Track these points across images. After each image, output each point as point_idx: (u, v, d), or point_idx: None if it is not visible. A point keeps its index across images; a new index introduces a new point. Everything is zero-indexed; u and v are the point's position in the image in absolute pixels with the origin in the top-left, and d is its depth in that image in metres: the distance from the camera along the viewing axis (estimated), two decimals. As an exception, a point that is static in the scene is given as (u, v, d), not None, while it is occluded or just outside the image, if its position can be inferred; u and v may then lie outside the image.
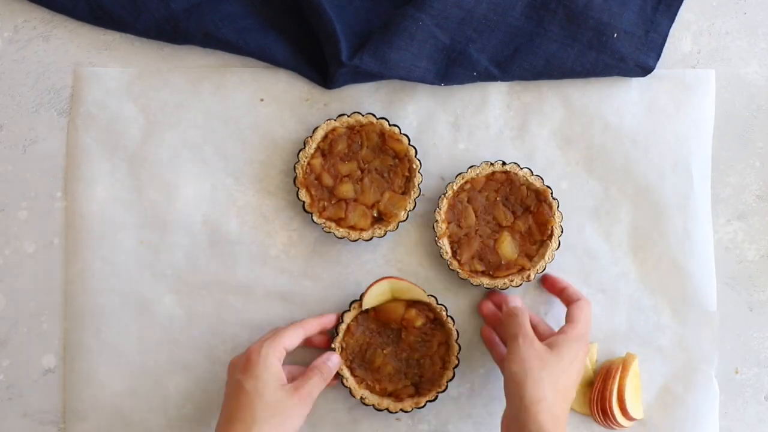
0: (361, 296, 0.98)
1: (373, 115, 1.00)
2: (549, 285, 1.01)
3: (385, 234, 1.00)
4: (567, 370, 0.91)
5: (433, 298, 0.99)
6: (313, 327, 0.97)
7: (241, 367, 0.92)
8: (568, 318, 0.95)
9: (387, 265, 1.01)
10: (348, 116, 1.00)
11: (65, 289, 1.02)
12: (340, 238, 1.00)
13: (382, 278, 0.99)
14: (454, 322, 0.99)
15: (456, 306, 1.01)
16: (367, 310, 0.99)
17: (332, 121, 1.00)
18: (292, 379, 0.94)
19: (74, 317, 1.01)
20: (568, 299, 0.97)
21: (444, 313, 0.99)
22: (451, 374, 0.98)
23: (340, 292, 1.01)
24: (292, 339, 0.94)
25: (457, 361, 0.98)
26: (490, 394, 1.01)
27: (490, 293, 1.01)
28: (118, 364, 1.01)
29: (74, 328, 1.01)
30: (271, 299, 1.02)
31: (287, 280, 1.02)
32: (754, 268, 1.03)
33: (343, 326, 0.99)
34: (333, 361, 0.97)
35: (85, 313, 1.01)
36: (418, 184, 1.00)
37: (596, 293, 1.02)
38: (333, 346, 0.98)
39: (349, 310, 0.99)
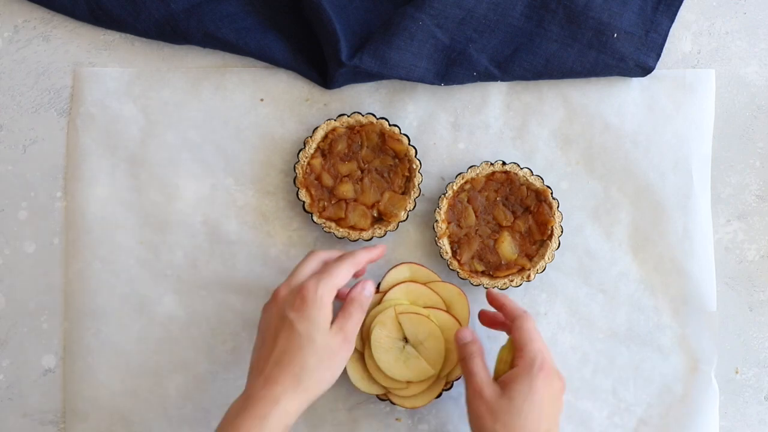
0: (379, 284, 0.99)
1: (373, 115, 1.00)
2: (490, 300, 0.96)
3: (385, 234, 1.00)
4: (524, 411, 0.85)
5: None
6: (362, 261, 0.92)
7: (294, 306, 0.87)
8: (514, 346, 0.91)
9: (387, 265, 1.01)
10: (348, 116, 1.00)
11: (65, 289, 1.02)
12: (340, 238, 1.00)
13: (402, 263, 0.99)
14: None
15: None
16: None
17: (332, 121, 1.00)
18: None
19: (74, 317, 1.01)
20: (507, 317, 0.93)
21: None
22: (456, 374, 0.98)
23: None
24: (345, 277, 0.89)
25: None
26: (490, 394, 1.01)
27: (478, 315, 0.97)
28: (118, 364, 1.01)
29: (74, 328, 1.01)
30: (271, 299, 1.02)
31: (287, 280, 1.02)
32: (754, 268, 1.03)
33: None
34: (369, 290, 0.92)
35: (85, 313, 1.01)
36: (418, 184, 1.00)
37: (596, 293, 1.02)
38: None
39: None
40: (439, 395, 0.98)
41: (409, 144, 1.00)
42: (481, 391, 0.88)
